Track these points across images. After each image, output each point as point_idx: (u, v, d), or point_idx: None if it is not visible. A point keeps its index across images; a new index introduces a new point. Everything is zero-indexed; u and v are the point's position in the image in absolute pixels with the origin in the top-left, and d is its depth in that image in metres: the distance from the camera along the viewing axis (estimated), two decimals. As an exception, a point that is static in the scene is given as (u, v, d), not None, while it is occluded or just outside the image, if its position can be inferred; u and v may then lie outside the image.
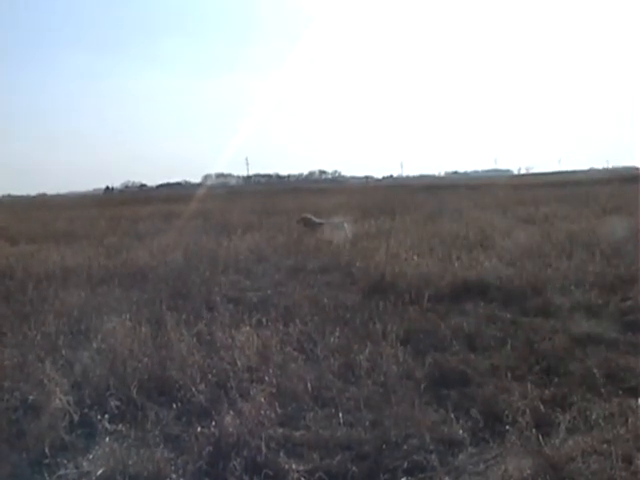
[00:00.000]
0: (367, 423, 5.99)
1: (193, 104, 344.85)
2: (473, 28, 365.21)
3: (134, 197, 78.88)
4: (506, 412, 5.91)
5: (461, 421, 5.92)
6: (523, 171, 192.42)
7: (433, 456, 5.30)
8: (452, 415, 5.99)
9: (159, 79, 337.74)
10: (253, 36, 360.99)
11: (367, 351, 7.54)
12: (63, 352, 7.90)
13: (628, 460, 5.02)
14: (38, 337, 8.55)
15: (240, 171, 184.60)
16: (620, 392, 6.47)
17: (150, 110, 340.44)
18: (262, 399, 6.24)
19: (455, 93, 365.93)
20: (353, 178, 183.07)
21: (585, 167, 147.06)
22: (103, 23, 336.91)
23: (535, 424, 5.59)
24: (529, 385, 6.68)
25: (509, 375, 7.01)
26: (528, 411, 5.75)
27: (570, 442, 5.37)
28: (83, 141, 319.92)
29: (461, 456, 5.41)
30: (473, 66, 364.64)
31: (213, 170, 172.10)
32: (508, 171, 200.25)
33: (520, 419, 5.64)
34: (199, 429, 5.86)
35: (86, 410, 6.32)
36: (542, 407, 6.07)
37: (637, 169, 73.84)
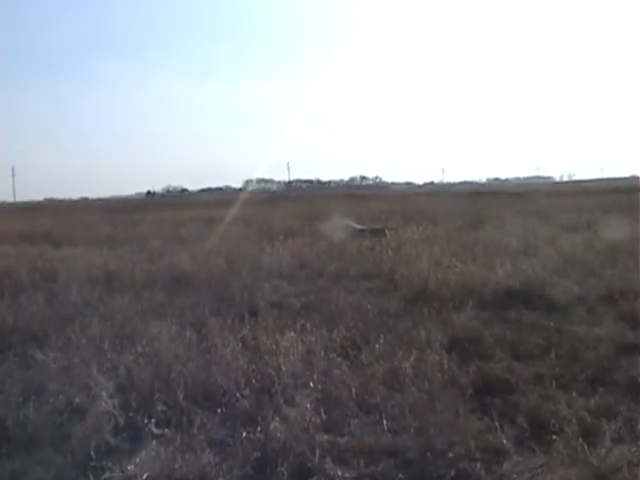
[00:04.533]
0: (412, 430, 5.95)
1: (235, 109, 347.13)
2: (514, 35, 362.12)
3: (176, 201, 79.47)
4: (552, 421, 5.88)
5: (506, 429, 5.86)
6: (565, 178, 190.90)
7: (478, 464, 5.29)
8: (497, 423, 5.94)
9: (202, 84, 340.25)
10: (296, 42, 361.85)
11: (412, 358, 7.51)
12: (108, 356, 7.95)
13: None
14: (83, 340, 8.60)
15: (281, 176, 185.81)
16: (667, 402, 6.39)
17: (192, 115, 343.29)
18: (307, 405, 6.27)
19: (497, 100, 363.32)
20: (394, 184, 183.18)
21: (627, 174, 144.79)
22: (143, 30, 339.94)
23: (581, 433, 5.56)
24: (574, 394, 6.64)
25: (554, 384, 6.96)
26: (574, 420, 5.74)
27: (616, 452, 5.31)
28: (125, 145, 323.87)
29: (506, 465, 5.36)
30: (514, 74, 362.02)
31: (254, 175, 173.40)
32: (550, 178, 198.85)
33: (566, 428, 5.62)
34: (244, 434, 5.91)
35: (131, 414, 6.38)
36: (588, 416, 6.00)
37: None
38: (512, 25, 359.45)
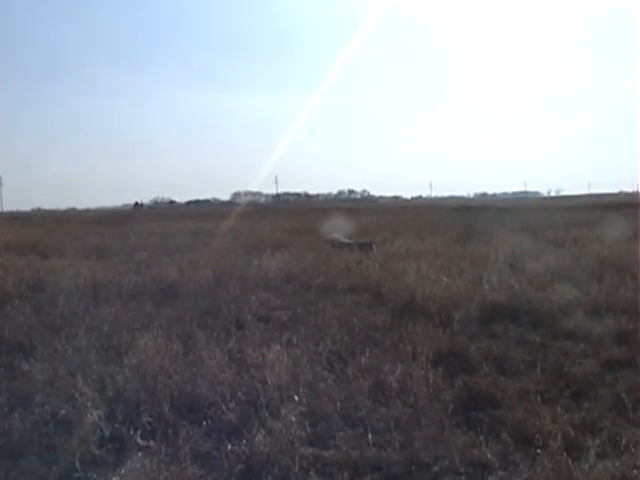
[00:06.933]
0: (397, 444, 5.98)
1: (225, 121, 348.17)
2: (501, 51, 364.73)
3: (164, 213, 79.25)
4: (537, 436, 5.90)
5: (491, 444, 5.88)
6: (553, 194, 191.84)
7: (463, 478, 5.32)
8: (482, 438, 5.97)
9: (196, 95, 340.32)
10: (289, 56, 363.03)
11: (397, 372, 7.53)
12: (94, 367, 7.95)
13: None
14: (69, 351, 8.63)
15: (269, 189, 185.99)
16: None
17: (180, 125, 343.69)
18: (292, 418, 6.27)
19: (485, 115, 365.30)
20: (382, 198, 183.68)
21: (615, 190, 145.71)
22: (141, 38, 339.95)
23: (565, 448, 5.58)
24: (559, 409, 6.67)
25: (539, 399, 6.98)
26: (559, 435, 5.76)
27: (600, 467, 5.34)
28: (114, 157, 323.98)
29: (491, 479, 5.38)
30: (503, 89, 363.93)
31: (242, 188, 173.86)
32: (537, 193, 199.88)
33: (551, 443, 5.65)
34: (229, 447, 5.91)
35: (117, 425, 6.36)
36: (572, 431, 6.03)
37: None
38: (502, 42, 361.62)
